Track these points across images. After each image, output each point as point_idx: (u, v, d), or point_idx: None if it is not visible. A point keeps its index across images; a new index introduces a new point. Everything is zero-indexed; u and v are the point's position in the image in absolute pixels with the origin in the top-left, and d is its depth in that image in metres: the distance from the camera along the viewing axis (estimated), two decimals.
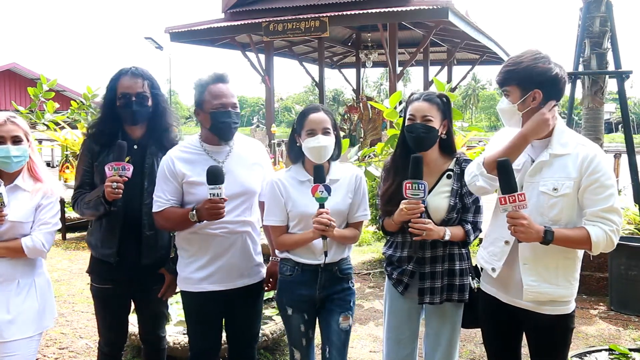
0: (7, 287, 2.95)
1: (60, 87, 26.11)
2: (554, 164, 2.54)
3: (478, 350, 4.72)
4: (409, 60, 16.13)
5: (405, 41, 18.28)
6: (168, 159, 3.06)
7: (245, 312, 3.26)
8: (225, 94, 3.02)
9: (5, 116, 2.95)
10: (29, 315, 3.00)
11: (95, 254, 3.24)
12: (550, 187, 2.52)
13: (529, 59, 2.55)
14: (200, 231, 3.04)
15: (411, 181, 2.69)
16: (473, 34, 15.87)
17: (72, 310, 5.77)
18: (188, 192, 3.04)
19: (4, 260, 2.94)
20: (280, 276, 3.17)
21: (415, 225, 2.73)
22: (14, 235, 2.93)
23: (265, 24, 14.68)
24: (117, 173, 2.87)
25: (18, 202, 2.91)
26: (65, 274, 7.17)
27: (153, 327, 3.45)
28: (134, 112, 3.11)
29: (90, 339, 5.02)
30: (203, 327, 3.19)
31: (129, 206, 3.08)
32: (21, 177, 2.99)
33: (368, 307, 5.89)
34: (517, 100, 2.57)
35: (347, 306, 3.11)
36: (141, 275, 3.21)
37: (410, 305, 3.08)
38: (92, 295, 3.34)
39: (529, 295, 2.59)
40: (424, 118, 2.88)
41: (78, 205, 3.16)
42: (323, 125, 2.98)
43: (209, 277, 3.07)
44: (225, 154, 3.11)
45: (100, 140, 3.19)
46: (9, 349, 2.94)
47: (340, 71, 24.27)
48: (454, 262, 2.99)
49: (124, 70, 3.18)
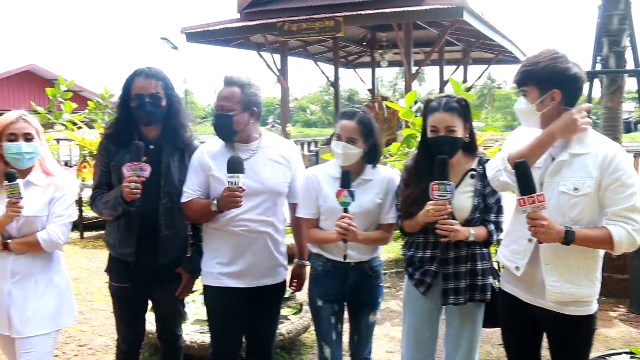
0: (25, 284, 3.00)
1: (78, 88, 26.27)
2: (574, 163, 2.51)
3: (495, 351, 4.70)
4: (424, 59, 16.05)
5: (420, 40, 18.17)
6: (199, 152, 3.17)
7: (265, 312, 3.28)
8: (221, 97, 3.11)
9: (17, 114, 3.02)
10: (46, 312, 3.04)
11: (114, 254, 3.26)
12: (570, 187, 2.49)
13: (547, 58, 2.53)
14: (222, 228, 3.09)
15: (438, 182, 2.68)
16: (488, 33, 15.76)
17: (91, 308, 5.82)
18: (213, 187, 3.10)
19: (22, 257, 2.99)
20: (312, 271, 3.26)
21: (443, 226, 2.72)
22: (30, 231, 2.99)
23: (280, 24, 14.67)
24: (135, 173, 2.90)
25: (31, 198, 2.95)
26: (83, 272, 7.23)
27: (170, 325, 3.48)
28: (148, 112, 3.14)
29: (108, 336, 5.06)
30: (223, 324, 3.22)
31: (146, 206, 3.10)
32: (33, 173, 3.05)
33: (384, 308, 5.87)
34: (536, 100, 2.56)
35: (375, 303, 3.24)
36: (158, 274, 3.23)
37: (432, 305, 3.07)
38: (110, 294, 3.37)
39: (551, 295, 2.57)
40: (448, 129, 2.87)
41: (96, 205, 3.19)
42: (348, 134, 3.04)
43: (229, 274, 3.11)
44: (251, 152, 3.15)
45: (116, 140, 3.22)
46: (25, 345, 2.98)
47: (355, 71, 24.22)
48: (476, 262, 2.98)
49: (138, 71, 3.20)
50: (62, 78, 11.90)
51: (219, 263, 3.14)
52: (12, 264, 2.98)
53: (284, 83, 16.62)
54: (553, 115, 2.55)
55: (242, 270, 3.12)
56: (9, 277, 2.97)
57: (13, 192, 2.82)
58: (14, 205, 2.84)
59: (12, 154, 2.95)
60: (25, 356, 2.98)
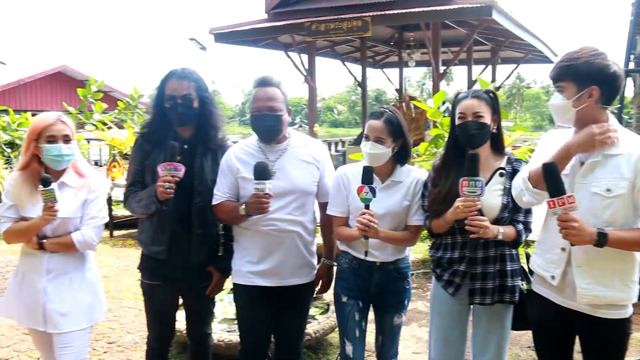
0: (59, 281, 3.07)
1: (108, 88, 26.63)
2: (607, 164, 2.46)
3: (523, 354, 4.64)
4: (452, 59, 15.96)
5: (448, 40, 18.04)
6: (227, 154, 3.20)
7: (294, 311, 3.29)
8: (261, 98, 3.10)
9: (55, 116, 3.07)
10: (81, 308, 3.12)
11: (146, 251, 3.31)
12: (603, 188, 2.44)
13: (588, 54, 2.48)
14: (251, 227, 3.11)
15: (468, 178, 2.65)
16: (518, 32, 15.57)
17: (120, 306, 5.89)
18: (242, 188, 3.13)
19: (57, 256, 3.07)
20: (338, 267, 3.28)
21: (473, 222, 2.68)
22: (64, 231, 3.05)
23: (308, 24, 14.68)
24: (170, 173, 2.93)
25: (66, 199, 3.00)
26: (112, 270, 7.31)
27: (200, 323, 3.50)
28: (180, 114, 3.17)
29: (137, 334, 5.12)
30: (252, 323, 3.25)
31: (179, 205, 3.12)
32: (67, 174, 3.10)
33: (411, 308, 5.82)
34: (572, 96, 2.50)
35: (402, 306, 3.21)
36: (190, 273, 3.26)
37: (460, 307, 3.04)
38: (142, 291, 3.41)
39: (583, 298, 2.52)
40: (475, 115, 2.85)
41: (129, 203, 3.24)
42: (376, 134, 3.02)
43: (259, 273, 3.13)
44: (280, 153, 3.17)
45: (151, 139, 3.26)
46: (64, 340, 3.06)
47: (383, 71, 24.16)
48: (505, 263, 2.94)
49: (171, 72, 3.23)
50: (93, 79, 12.09)
51: (248, 262, 3.16)
52: (47, 262, 3.05)
53: (312, 83, 16.63)
54: (588, 112, 2.50)
55: (272, 269, 3.13)
56: (44, 274, 3.04)
57: (49, 197, 2.87)
58: (49, 210, 2.89)
59: (52, 156, 3.00)
60: (65, 350, 3.06)
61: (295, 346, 3.37)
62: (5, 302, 3.19)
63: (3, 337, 5.05)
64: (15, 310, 3.11)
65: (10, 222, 3.02)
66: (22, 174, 3.05)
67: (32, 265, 3.07)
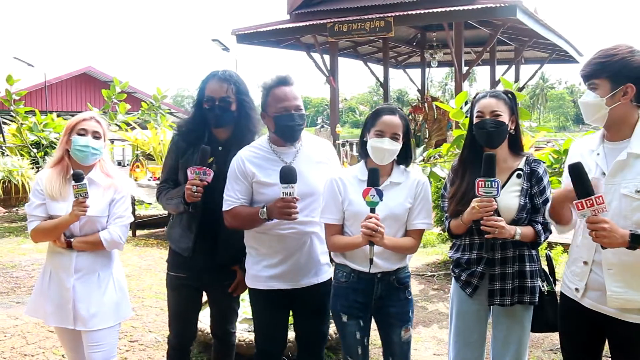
0: (89, 280, 3.12)
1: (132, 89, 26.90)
2: (636, 164, 2.40)
3: (546, 357, 4.58)
4: (475, 59, 15.86)
5: (471, 40, 17.96)
6: (239, 159, 3.09)
7: (313, 312, 3.25)
8: (288, 97, 3.03)
9: (91, 114, 3.18)
10: (110, 306, 3.17)
11: (173, 246, 3.36)
12: (632, 189, 2.38)
13: (625, 52, 2.43)
14: (270, 231, 3.07)
15: (484, 179, 2.63)
16: (542, 31, 15.43)
17: (142, 305, 5.94)
18: (258, 192, 3.07)
19: (85, 254, 3.11)
20: (335, 282, 3.11)
21: (488, 222, 2.65)
22: (91, 230, 3.11)
23: (330, 25, 14.71)
24: (198, 177, 2.95)
25: (94, 198, 3.04)
26: (135, 270, 7.37)
27: (224, 321, 3.51)
28: (217, 115, 3.19)
29: (158, 333, 5.16)
30: (269, 325, 3.22)
31: (209, 205, 3.14)
32: (94, 171, 3.16)
33: (432, 310, 5.82)
34: (606, 94, 2.44)
35: (407, 318, 3.05)
36: (214, 271, 3.28)
37: (479, 307, 3.01)
38: (167, 284, 3.46)
39: (614, 302, 2.45)
40: (493, 113, 2.83)
41: (161, 199, 3.32)
42: (393, 130, 2.92)
43: (278, 276, 3.10)
44: (294, 155, 3.12)
45: (188, 138, 3.30)
46: (94, 339, 3.12)
47: (405, 71, 24.09)
48: (524, 264, 2.90)
49: (212, 73, 3.26)
50: (117, 80, 12.19)
51: (267, 266, 3.12)
52: (76, 261, 3.09)
53: (334, 84, 16.63)
54: (620, 111, 2.45)
55: (290, 272, 3.11)
56: (73, 273, 3.08)
57: (80, 192, 2.92)
58: (80, 205, 2.94)
59: (78, 147, 3.05)
60: (96, 348, 3.12)
61: (317, 347, 3.35)
62: (32, 302, 3.23)
63: (29, 334, 5.14)
64: (43, 310, 3.16)
65: (39, 220, 3.07)
66: (54, 170, 3.12)
67: (60, 264, 3.11)
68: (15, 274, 7.23)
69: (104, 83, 28.91)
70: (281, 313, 3.21)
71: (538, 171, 2.88)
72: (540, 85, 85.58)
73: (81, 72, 33.20)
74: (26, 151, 12.17)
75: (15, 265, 7.65)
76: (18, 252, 8.38)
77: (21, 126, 11.88)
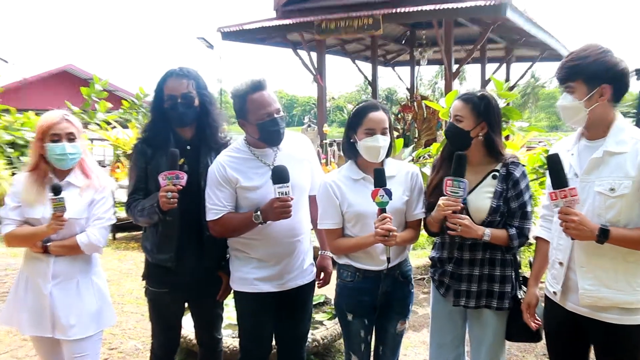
0: (67, 286, 3.05)
1: (113, 87, 26.74)
2: (611, 162, 2.45)
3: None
4: (465, 57, 15.88)
5: (461, 38, 17.98)
6: (218, 165, 3.06)
7: (296, 312, 3.27)
8: (268, 102, 3.01)
9: (60, 114, 3.05)
10: (90, 313, 3.10)
11: (151, 259, 3.25)
12: (606, 187, 2.43)
13: (596, 52, 2.47)
14: (258, 235, 3.05)
15: (452, 178, 2.67)
16: (532, 30, 15.51)
17: (122, 311, 5.87)
18: (242, 197, 3.05)
19: (62, 260, 3.04)
20: (339, 281, 3.15)
21: (452, 220, 2.69)
22: (69, 233, 3.02)
23: (318, 22, 14.69)
24: (171, 182, 2.87)
25: (71, 199, 2.98)
26: (115, 274, 7.28)
27: (210, 329, 3.47)
28: (180, 113, 3.12)
29: (138, 340, 5.10)
30: (256, 329, 3.21)
31: (187, 208, 3.07)
32: (73, 174, 3.09)
33: (422, 314, 5.80)
34: (584, 96, 2.48)
35: (406, 311, 3.14)
36: (199, 278, 3.22)
37: (452, 309, 3.03)
38: (148, 299, 3.37)
39: (585, 300, 2.51)
40: (455, 117, 2.89)
41: (132, 212, 3.17)
42: (382, 125, 2.95)
43: (265, 278, 3.09)
44: (273, 155, 3.11)
45: (153, 143, 3.20)
46: (77, 349, 3.05)
47: (394, 69, 24.14)
48: (494, 267, 2.91)
49: (169, 71, 3.18)
50: (97, 77, 12.13)
51: (254, 268, 3.11)
52: (53, 267, 3.02)
53: (321, 82, 16.61)
54: (599, 112, 2.49)
55: (278, 273, 3.10)
56: (50, 279, 3.01)
57: (58, 206, 2.84)
58: (58, 219, 2.87)
59: (56, 155, 2.98)
60: (81, 359, 3.06)
61: (298, 347, 3.35)
62: (6, 310, 3.15)
63: (0, 344, 5.03)
64: (18, 318, 3.08)
65: (14, 224, 3.00)
66: (31, 175, 3.04)
67: (36, 270, 3.04)
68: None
69: (84, 81, 28.64)
70: (267, 316, 3.19)
71: (514, 174, 2.88)
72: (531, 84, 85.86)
73: (61, 69, 32.97)
74: (1, 151, 12.09)
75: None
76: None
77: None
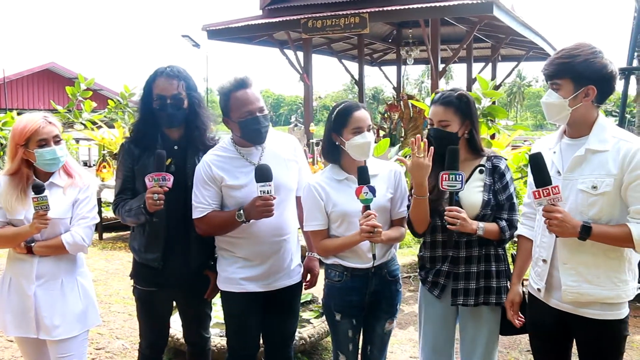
0: (51, 286, 3.05)
1: (98, 86, 26.64)
2: (593, 160, 2.49)
3: (523, 357, 4.66)
4: (451, 57, 15.95)
5: (447, 37, 18.07)
6: (204, 164, 3.09)
7: (284, 312, 3.29)
8: (251, 100, 3.03)
9: (40, 117, 3.01)
10: (75, 313, 3.10)
11: (139, 259, 3.27)
12: (589, 185, 2.48)
13: (587, 52, 2.49)
14: (241, 234, 3.07)
15: (448, 172, 2.70)
16: (519, 29, 15.59)
17: (109, 311, 5.88)
18: (227, 196, 3.08)
19: (47, 260, 3.04)
20: (327, 281, 3.17)
21: (450, 213, 2.71)
22: (53, 233, 3.02)
23: (304, 21, 14.70)
24: (158, 184, 2.89)
25: (55, 199, 2.97)
26: (102, 274, 7.28)
27: (198, 328, 3.48)
28: (170, 114, 3.12)
29: (126, 339, 5.11)
30: (243, 328, 3.22)
31: (174, 208, 3.09)
32: (57, 174, 3.08)
33: (408, 312, 5.86)
34: (569, 95, 2.51)
35: (394, 310, 3.17)
36: (187, 278, 3.24)
37: (447, 311, 3.05)
38: (136, 298, 3.39)
39: (568, 295, 2.56)
40: (440, 123, 2.92)
41: (119, 212, 3.18)
42: (368, 123, 3.02)
43: (251, 278, 3.11)
44: (259, 155, 3.13)
45: (140, 143, 3.21)
46: (62, 349, 3.06)
47: (381, 68, 24.17)
48: (490, 263, 2.96)
49: (159, 71, 3.17)
50: (82, 76, 12.02)
51: (240, 267, 3.13)
52: (37, 267, 3.02)
53: (307, 81, 16.62)
54: (582, 111, 2.53)
55: (265, 273, 3.12)
56: (34, 280, 3.01)
57: (41, 204, 2.83)
58: (41, 217, 2.86)
59: (47, 160, 2.97)
60: (67, 359, 3.06)
61: (285, 347, 3.37)
62: None
63: None
64: (2, 319, 3.08)
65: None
66: (12, 180, 3.01)
67: (20, 270, 3.04)
68: None
69: (68, 80, 28.50)
70: (254, 315, 3.21)
71: (500, 166, 2.94)
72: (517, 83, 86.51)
73: (44, 67, 32.69)
74: None
75: None
76: None
77: None
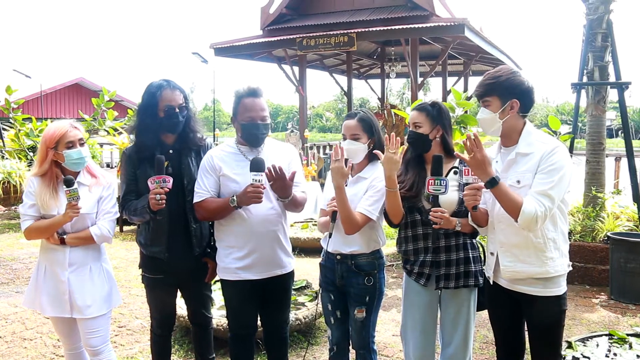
0: (82, 272, 3.10)
1: (119, 98, 26.63)
2: (521, 161, 2.64)
3: (491, 334, 4.69)
4: (428, 71, 15.99)
5: (425, 54, 18.08)
6: (209, 156, 3.17)
7: (278, 301, 3.32)
8: (255, 108, 3.09)
9: (67, 123, 3.09)
10: (102, 295, 3.15)
11: (145, 252, 3.29)
12: (514, 180, 2.63)
13: (508, 73, 2.67)
14: (234, 223, 3.10)
15: (434, 178, 2.74)
16: (487, 47, 15.68)
17: (129, 294, 5.91)
18: (224, 185, 3.12)
19: (77, 249, 3.09)
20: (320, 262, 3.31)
21: (436, 214, 2.76)
22: (82, 227, 3.08)
23: (299, 40, 14.71)
24: (159, 185, 2.92)
25: (83, 196, 3.02)
26: (122, 262, 7.33)
27: (201, 309, 3.50)
28: (175, 122, 3.16)
29: (144, 319, 5.15)
30: (240, 312, 3.25)
31: (174, 205, 3.12)
32: (82, 174, 3.12)
33: (391, 296, 5.91)
34: (498, 109, 2.66)
35: (361, 301, 3.11)
36: (188, 265, 3.27)
37: (431, 296, 3.06)
38: (145, 284, 3.41)
39: (506, 273, 2.71)
40: (414, 125, 3.01)
41: (126, 212, 3.20)
42: (351, 132, 3.08)
43: (246, 267, 3.12)
44: (256, 154, 3.14)
45: (140, 151, 3.21)
46: (92, 326, 3.11)
47: (367, 81, 24.13)
48: (467, 251, 3.00)
49: (163, 83, 3.19)
50: (106, 89, 12.07)
51: (236, 258, 3.13)
52: (69, 256, 3.06)
53: (302, 92, 16.65)
54: (511, 123, 2.67)
55: (257, 263, 3.13)
56: (67, 267, 3.06)
57: (73, 196, 2.89)
58: (73, 207, 2.91)
59: (74, 160, 3.02)
60: (95, 334, 3.12)
61: (281, 330, 3.38)
62: (28, 294, 3.20)
63: (28, 321, 5.12)
64: (39, 302, 3.12)
65: (32, 220, 3.03)
66: (43, 180, 3.05)
67: (54, 259, 3.08)
68: (14, 266, 7.17)
69: (94, 92, 28.49)
70: (250, 301, 3.22)
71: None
72: None
73: (74, 82, 32.90)
74: (23, 154, 12.17)
75: (14, 258, 7.58)
76: (17, 246, 8.28)
77: (19, 132, 11.91)
